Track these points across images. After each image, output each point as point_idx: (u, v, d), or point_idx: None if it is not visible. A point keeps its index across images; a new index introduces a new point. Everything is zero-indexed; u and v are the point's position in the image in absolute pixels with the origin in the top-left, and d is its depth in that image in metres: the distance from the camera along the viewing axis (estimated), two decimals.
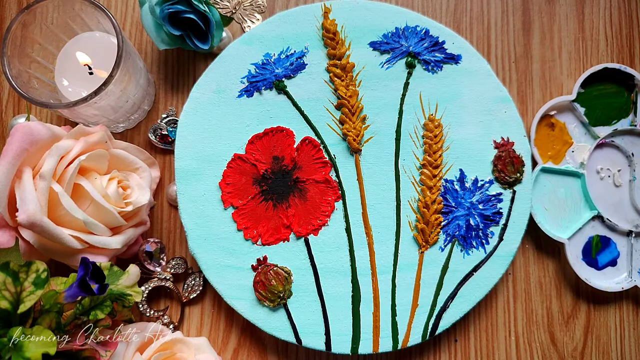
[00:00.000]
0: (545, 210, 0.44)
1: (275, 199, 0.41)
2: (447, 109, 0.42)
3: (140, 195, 0.39)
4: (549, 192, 0.45)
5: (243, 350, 0.43)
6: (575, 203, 0.45)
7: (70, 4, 0.38)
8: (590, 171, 0.45)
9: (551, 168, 0.44)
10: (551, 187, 0.45)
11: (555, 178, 0.45)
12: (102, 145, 0.38)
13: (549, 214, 0.45)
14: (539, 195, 0.44)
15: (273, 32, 0.42)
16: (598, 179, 0.45)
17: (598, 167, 0.45)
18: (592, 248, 0.44)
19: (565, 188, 0.45)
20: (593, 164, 0.45)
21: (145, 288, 0.41)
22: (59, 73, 0.41)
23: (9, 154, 0.33)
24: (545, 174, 0.45)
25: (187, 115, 0.41)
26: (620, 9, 0.49)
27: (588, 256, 0.44)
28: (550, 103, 0.45)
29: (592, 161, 0.45)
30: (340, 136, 0.42)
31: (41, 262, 0.30)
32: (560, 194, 0.45)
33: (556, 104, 0.45)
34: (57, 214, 0.35)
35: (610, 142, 0.45)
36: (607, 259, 0.44)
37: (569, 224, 0.45)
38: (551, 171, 0.45)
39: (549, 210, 0.44)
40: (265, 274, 0.40)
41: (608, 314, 0.45)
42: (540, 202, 0.44)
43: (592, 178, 0.45)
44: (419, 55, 0.43)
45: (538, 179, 0.44)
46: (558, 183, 0.45)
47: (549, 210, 0.45)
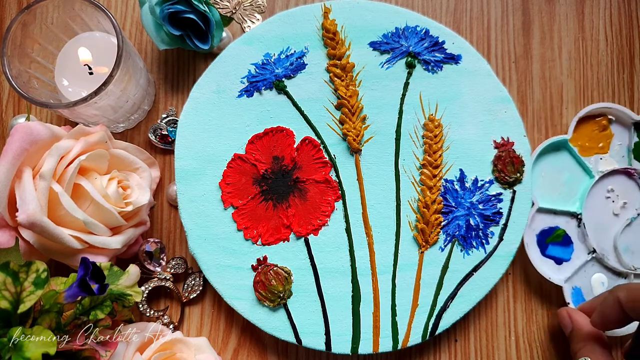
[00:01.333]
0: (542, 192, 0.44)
1: (275, 199, 0.41)
2: (447, 109, 0.42)
3: (140, 195, 0.39)
4: (551, 175, 0.45)
5: (243, 350, 0.43)
6: (571, 191, 0.45)
7: (70, 4, 0.38)
8: (603, 185, 0.45)
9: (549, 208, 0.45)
10: (554, 172, 0.45)
11: (550, 164, 0.45)
12: (102, 145, 0.38)
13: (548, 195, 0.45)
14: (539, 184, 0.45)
15: (273, 32, 0.42)
16: (604, 195, 0.45)
17: (610, 187, 0.45)
18: (551, 235, 0.44)
19: (570, 175, 0.45)
20: (609, 182, 0.45)
21: (145, 288, 0.41)
22: (59, 73, 0.41)
23: (9, 154, 0.33)
24: (547, 160, 0.45)
25: (187, 115, 0.41)
26: (620, 9, 0.49)
27: (543, 238, 0.44)
28: (619, 107, 0.45)
29: (610, 179, 0.45)
30: (340, 136, 0.42)
31: (41, 262, 0.30)
32: (563, 178, 0.45)
33: (623, 113, 0.45)
34: (57, 214, 0.35)
35: (638, 177, 0.45)
36: (556, 255, 0.44)
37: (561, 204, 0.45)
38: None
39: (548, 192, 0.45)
40: (265, 274, 0.40)
41: None
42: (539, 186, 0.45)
43: (599, 189, 0.45)
44: (419, 55, 0.43)
45: (540, 164, 0.45)
46: (564, 166, 0.45)
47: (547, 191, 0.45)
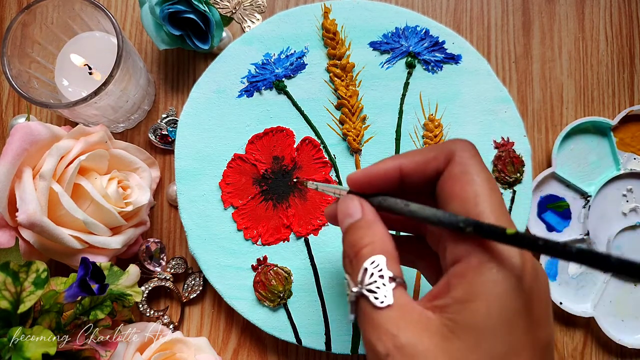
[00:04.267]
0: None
1: (275, 199, 0.41)
2: (447, 109, 0.42)
3: (140, 195, 0.39)
4: (580, 151, 0.45)
5: (243, 350, 0.43)
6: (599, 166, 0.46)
7: (70, 4, 0.38)
8: (624, 182, 0.45)
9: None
10: (584, 150, 0.46)
11: (585, 142, 0.46)
12: (102, 145, 0.38)
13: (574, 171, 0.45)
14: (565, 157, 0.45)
15: (273, 32, 0.42)
16: (621, 191, 0.45)
17: (631, 187, 0.45)
18: (555, 203, 0.45)
19: (598, 160, 0.45)
20: (632, 182, 0.45)
21: (145, 288, 0.41)
22: (59, 73, 0.41)
23: (9, 154, 0.33)
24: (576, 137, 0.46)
25: (187, 115, 0.41)
26: (620, 9, 0.48)
27: (546, 202, 0.45)
28: None
29: (634, 181, 0.45)
30: (340, 136, 0.42)
31: (41, 262, 0.30)
32: (590, 159, 0.45)
33: None
34: (57, 214, 0.35)
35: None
36: (551, 222, 0.44)
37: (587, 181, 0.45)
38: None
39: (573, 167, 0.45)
40: (265, 274, 0.40)
41: None
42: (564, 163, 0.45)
43: (619, 184, 0.45)
44: (419, 55, 0.43)
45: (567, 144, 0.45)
46: (596, 149, 0.45)
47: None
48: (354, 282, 0.25)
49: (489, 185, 0.24)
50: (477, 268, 0.22)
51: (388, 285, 0.23)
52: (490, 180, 0.25)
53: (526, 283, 0.22)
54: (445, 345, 0.21)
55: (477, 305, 0.21)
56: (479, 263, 0.22)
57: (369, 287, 0.24)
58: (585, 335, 0.45)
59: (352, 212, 0.27)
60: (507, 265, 0.22)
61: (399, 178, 0.27)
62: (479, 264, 0.22)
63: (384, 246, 0.25)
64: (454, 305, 0.22)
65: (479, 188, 0.24)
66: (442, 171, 0.26)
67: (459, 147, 0.26)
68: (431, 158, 0.26)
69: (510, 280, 0.22)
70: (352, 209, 0.27)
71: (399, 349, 0.22)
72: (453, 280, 0.23)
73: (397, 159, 0.27)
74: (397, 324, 0.22)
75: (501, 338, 0.21)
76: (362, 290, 0.24)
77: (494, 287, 0.22)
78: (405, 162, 0.27)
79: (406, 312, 0.23)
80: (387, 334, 0.22)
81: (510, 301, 0.21)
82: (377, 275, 0.24)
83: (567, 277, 0.45)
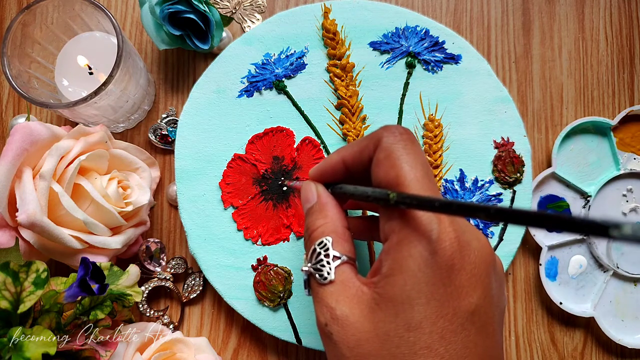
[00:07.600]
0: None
1: (275, 199, 0.41)
2: (447, 109, 0.42)
3: (140, 195, 0.39)
4: (580, 152, 0.45)
5: (243, 350, 0.43)
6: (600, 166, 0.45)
7: (70, 4, 0.38)
8: (624, 182, 0.45)
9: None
10: (584, 150, 0.45)
11: (584, 142, 0.46)
12: (102, 145, 0.38)
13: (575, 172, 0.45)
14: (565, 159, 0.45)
15: (273, 32, 0.42)
16: (621, 191, 0.45)
17: (631, 187, 0.45)
18: (555, 203, 0.45)
19: (598, 160, 0.45)
20: (632, 182, 0.45)
21: (145, 288, 0.41)
22: (59, 73, 0.41)
23: (9, 154, 0.33)
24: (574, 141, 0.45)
25: (187, 115, 0.41)
26: (620, 9, 0.48)
27: (546, 202, 0.45)
28: None
29: (634, 181, 0.45)
30: (340, 136, 0.42)
31: (41, 262, 0.30)
32: (590, 159, 0.45)
33: None
34: (57, 214, 0.35)
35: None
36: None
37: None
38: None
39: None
40: (266, 274, 0.40)
41: None
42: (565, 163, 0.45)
43: (619, 184, 0.45)
44: (419, 55, 0.43)
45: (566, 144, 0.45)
46: (596, 149, 0.45)
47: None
48: (305, 261, 0.28)
49: (413, 164, 0.26)
50: (397, 245, 0.24)
51: (332, 264, 0.26)
52: (417, 160, 0.26)
53: (443, 256, 0.23)
54: (371, 315, 0.24)
55: (396, 279, 0.24)
56: (399, 240, 0.24)
57: (315, 265, 0.27)
58: (585, 335, 0.45)
59: (309, 197, 0.30)
60: (424, 240, 0.24)
61: (344, 169, 0.30)
62: (398, 240, 0.24)
63: (333, 227, 0.28)
64: (381, 280, 0.25)
65: (401, 170, 0.26)
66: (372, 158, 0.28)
67: (385, 133, 0.27)
68: (364, 147, 0.28)
69: (423, 254, 0.23)
70: (310, 195, 0.30)
71: (335, 319, 0.25)
72: (382, 256, 0.25)
73: (340, 152, 0.30)
74: (337, 298, 0.25)
75: (417, 308, 0.23)
76: (310, 268, 0.27)
77: (409, 261, 0.24)
78: (345, 155, 0.29)
79: (346, 288, 0.26)
80: (327, 307, 0.25)
81: (423, 274, 0.23)
82: (323, 255, 0.27)
83: (567, 277, 0.45)
